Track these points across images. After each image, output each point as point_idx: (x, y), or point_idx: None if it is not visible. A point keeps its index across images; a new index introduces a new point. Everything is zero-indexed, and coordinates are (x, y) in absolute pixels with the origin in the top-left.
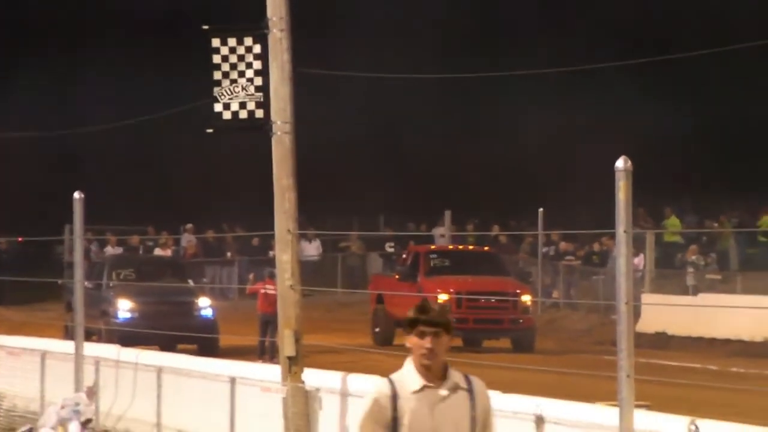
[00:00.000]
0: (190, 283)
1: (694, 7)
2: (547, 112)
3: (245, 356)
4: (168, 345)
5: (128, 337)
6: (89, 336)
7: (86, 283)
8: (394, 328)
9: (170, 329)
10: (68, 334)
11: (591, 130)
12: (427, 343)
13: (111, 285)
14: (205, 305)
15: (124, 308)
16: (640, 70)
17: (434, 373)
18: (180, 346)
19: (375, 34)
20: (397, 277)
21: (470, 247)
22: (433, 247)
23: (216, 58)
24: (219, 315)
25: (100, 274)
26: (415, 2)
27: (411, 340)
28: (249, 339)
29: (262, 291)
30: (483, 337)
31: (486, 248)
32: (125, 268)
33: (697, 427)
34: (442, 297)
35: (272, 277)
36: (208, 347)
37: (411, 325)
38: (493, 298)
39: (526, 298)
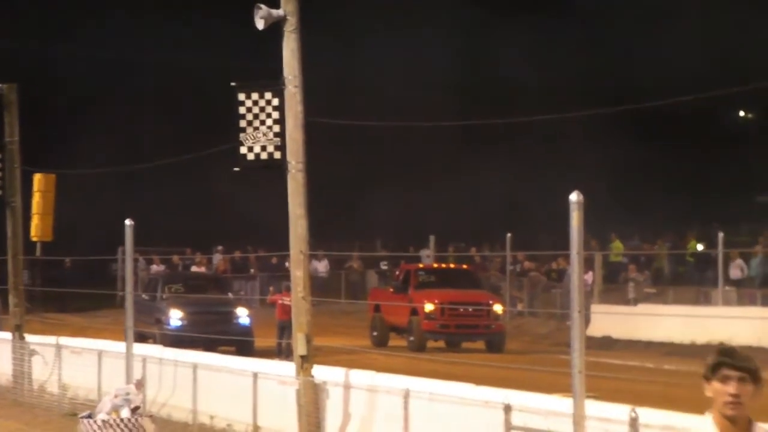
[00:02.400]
0: (230, 295)
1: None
2: (515, 154)
3: (265, 355)
4: (210, 348)
5: (178, 340)
6: (145, 339)
7: (143, 295)
8: (388, 333)
9: (213, 335)
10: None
11: (550, 168)
12: (731, 389)
13: (164, 297)
14: (242, 314)
15: (175, 317)
16: (595, 118)
17: (739, 427)
18: (220, 349)
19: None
20: (391, 290)
21: (452, 265)
22: (421, 265)
23: (241, 109)
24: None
25: (155, 288)
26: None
27: (712, 388)
28: (268, 341)
29: (280, 301)
30: (462, 340)
31: (464, 266)
32: (176, 283)
33: (636, 414)
34: (429, 306)
35: (288, 289)
36: (244, 349)
37: (713, 370)
38: (470, 308)
39: (498, 308)
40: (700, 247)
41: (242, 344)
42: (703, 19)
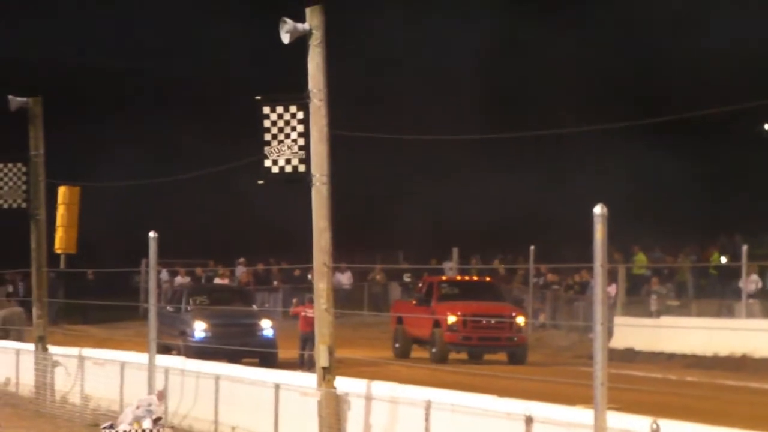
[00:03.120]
0: (254, 307)
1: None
2: (540, 169)
3: (289, 367)
4: (234, 359)
5: (202, 352)
6: (169, 351)
7: (168, 307)
8: (411, 344)
9: (237, 347)
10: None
11: (574, 182)
12: None
13: (189, 309)
14: (267, 326)
15: (200, 329)
16: (619, 132)
17: None
18: (244, 360)
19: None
20: (414, 302)
21: (474, 277)
22: (444, 277)
23: (266, 123)
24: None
25: (179, 300)
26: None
27: None
28: (292, 353)
29: (303, 314)
30: (484, 352)
31: (487, 279)
32: (200, 295)
33: (658, 426)
34: (451, 318)
35: (311, 302)
36: (268, 361)
37: None
38: (492, 320)
39: (520, 320)
40: (723, 259)
41: (266, 356)
42: (732, 24)
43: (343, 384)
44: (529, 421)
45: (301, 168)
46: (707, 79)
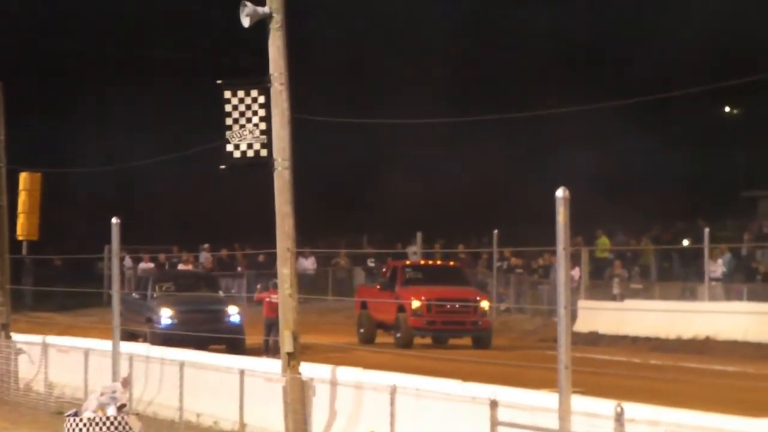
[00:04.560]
0: (221, 293)
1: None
2: (503, 152)
3: (254, 353)
4: (201, 346)
5: (169, 339)
6: (135, 338)
7: (134, 294)
8: (376, 330)
9: (204, 333)
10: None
11: (538, 165)
12: None
13: (155, 296)
14: (233, 312)
15: (166, 315)
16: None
17: None
18: (211, 347)
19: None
20: (378, 287)
21: (439, 262)
22: (408, 262)
23: (228, 107)
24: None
25: (145, 286)
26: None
27: None
28: (255, 338)
29: (267, 299)
30: (449, 336)
31: (452, 263)
32: (166, 281)
33: (622, 409)
34: (415, 303)
35: (275, 287)
36: (235, 348)
37: None
38: (457, 304)
39: (485, 304)
40: (685, 242)
41: (233, 342)
42: (700, 14)
43: (308, 370)
44: (494, 405)
45: (263, 153)
46: (673, 60)
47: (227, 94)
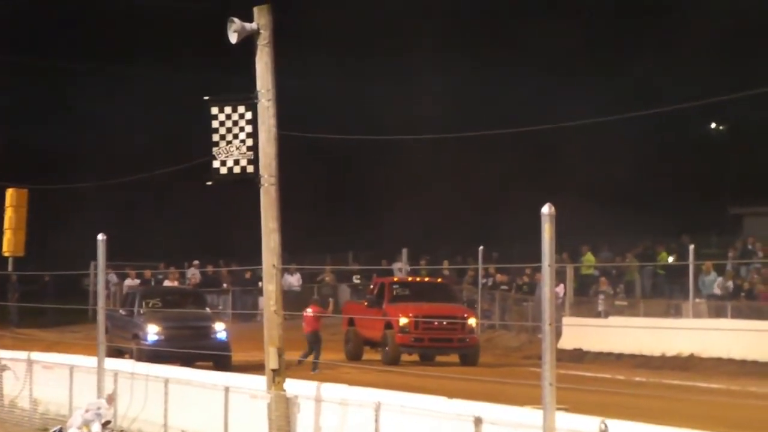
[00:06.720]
0: (208, 310)
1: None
2: (489, 169)
3: (242, 370)
4: (188, 363)
5: (155, 356)
6: (122, 354)
7: (120, 310)
8: (362, 346)
9: (190, 349)
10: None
11: (524, 182)
12: None
13: (141, 312)
14: (220, 329)
15: (153, 332)
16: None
17: None
18: (198, 363)
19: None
20: (365, 303)
21: (426, 278)
22: (395, 278)
23: (215, 123)
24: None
25: (132, 302)
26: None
27: None
28: (241, 355)
29: (304, 313)
30: (436, 353)
31: (439, 280)
32: (153, 297)
33: (606, 426)
34: (403, 320)
35: (314, 303)
36: (222, 364)
37: None
38: (444, 321)
39: (472, 321)
40: (670, 259)
41: (219, 359)
42: (691, 27)
43: (293, 386)
44: (478, 422)
45: (250, 169)
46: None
47: (214, 110)
